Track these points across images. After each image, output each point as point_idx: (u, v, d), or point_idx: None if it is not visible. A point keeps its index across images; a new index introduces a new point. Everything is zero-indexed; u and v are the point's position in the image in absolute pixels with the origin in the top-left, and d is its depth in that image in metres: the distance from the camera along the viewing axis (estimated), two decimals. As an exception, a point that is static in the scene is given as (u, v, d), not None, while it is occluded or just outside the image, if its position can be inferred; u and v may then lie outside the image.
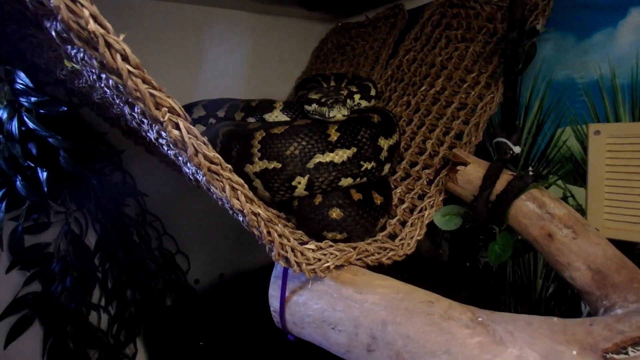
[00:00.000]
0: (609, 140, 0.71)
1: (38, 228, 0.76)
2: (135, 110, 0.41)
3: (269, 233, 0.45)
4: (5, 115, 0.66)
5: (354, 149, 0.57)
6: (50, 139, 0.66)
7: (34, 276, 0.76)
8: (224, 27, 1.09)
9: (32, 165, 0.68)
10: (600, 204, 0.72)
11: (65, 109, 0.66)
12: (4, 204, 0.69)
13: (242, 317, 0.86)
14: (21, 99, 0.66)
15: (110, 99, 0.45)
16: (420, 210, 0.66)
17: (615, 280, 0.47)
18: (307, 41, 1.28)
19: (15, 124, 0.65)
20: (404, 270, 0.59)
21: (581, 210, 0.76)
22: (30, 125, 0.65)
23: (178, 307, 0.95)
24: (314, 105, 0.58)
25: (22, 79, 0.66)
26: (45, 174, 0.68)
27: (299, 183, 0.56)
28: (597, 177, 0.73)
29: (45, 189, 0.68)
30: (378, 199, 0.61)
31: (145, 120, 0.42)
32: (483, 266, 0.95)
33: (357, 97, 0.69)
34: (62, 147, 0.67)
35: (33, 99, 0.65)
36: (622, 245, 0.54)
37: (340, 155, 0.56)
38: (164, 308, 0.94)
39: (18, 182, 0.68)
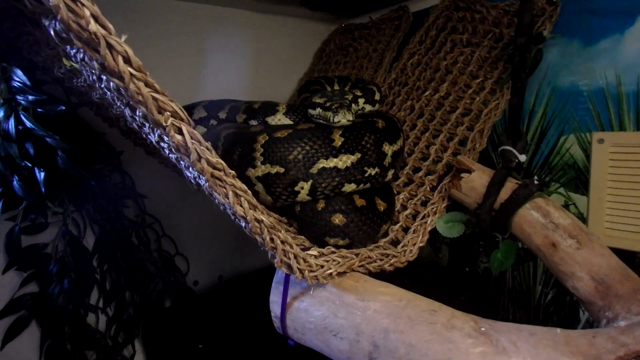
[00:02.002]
0: (613, 149, 0.71)
1: (35, 229, 0.75)
2: (137, 113, 0.40)
3: (272, 240, 0.45)
4: (2, 114, 0.64)
5: (358, 155, 0.56)
6: (47, 139, 0.65)
7: (31, 277, 0.75)
8: (225, 26, 1.07)
9: (30, 165, 0.67)
10: (601, 212, 0.72)
11: (64, 108, 0.65)
12: (0, 204, 0.67)
13: (241, 320, 0.86)
14: (18, 98, 0.64)
15: (110, 99, 0.44)
16: (423, 217, 0.66)
17: (619, 291, 0.47)
18: (310, 42, 1.27)
19: (12, 123, 0.64)
20: (403, 274, 0.59)
21: (582, 218, 0.76)
22: (28, 124, 0.64)
23: (177, 308, 0.94)
24: (318, 110, 0.57)
25: (19, 77, 0.64)
26: (42, 174, 0.67)
27: (302, 188, 0.56)
28: (600, 185, 0.72)
29: (43, 189, 0.67)
30: (381, 205, 0.61)
31: (146, 124, 0.41)
32: (483, 271, 0.95)
33: (361, 101, 0.69)
34: (60, 147, 0.66)
35: (30, 97, 0.64)
36: (623, 254, 0.53)
37: (344, 161, 0.56)
38: (163, 310, 0.94)
39: (15, 182, 0.66)
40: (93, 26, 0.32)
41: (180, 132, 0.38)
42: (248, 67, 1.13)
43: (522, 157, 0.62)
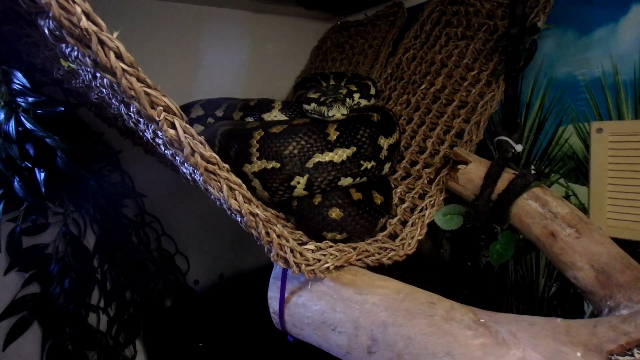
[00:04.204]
0: (612, 138, 0.70)
1: (36, 229, 0.76)
2: (131, 109, 0.40)
3: (267, 234, 0.45)
4: (2, 116, 0.65)
5: (354, 148, 0.56)
6: (47, 140, 0.66)
7: (33, 277, 0.75)
8: (222, 26, 1.08)
9: (30, 166, 0.68)
10: (603, 202, 0.72)
11: (63, 109, 0.66)
12: (1, 205, 0.68)
13: (241, 318, 0.86)
14: (18, 100, 0.65)
15: (107, 98, 0.45)
16: (421, 210, 0.66)
17: (620, 280, 0.46)
18: (306, 40, 1.28)
19: (12, 125, 0.65)
20: (404, 270, 0.59)
21: (584, 209, 0.75)
22: (28, 125, 0.65)
23: (177, 308, 0.95)
24: (313, 105, 0.57)
25: (19, 79, 0.65)
26: (42, 174, 0.68)
27: (298, 183, 0.56)
28: (600, 175, 0.72)
29: (43, 189, 0.68)
30: (378, 199, 0.61)
31: (141, 120, 0.42)
32: (484, 266, 0.94)
33: (356, 96, 0.69)
34: (59, 147, 0.67)
35: (30, 99, 0.65)
36: (625, 244, 0.53)
37: (339, 155, 0.56)
38: (164, 309, 0.94)
39: (16, 183, 0.67)
40: (84, 23, 0.33)
41: (173, 126, 0.38)
42: (245, 67, 1.14)
43: (519, 147, 0.62)
